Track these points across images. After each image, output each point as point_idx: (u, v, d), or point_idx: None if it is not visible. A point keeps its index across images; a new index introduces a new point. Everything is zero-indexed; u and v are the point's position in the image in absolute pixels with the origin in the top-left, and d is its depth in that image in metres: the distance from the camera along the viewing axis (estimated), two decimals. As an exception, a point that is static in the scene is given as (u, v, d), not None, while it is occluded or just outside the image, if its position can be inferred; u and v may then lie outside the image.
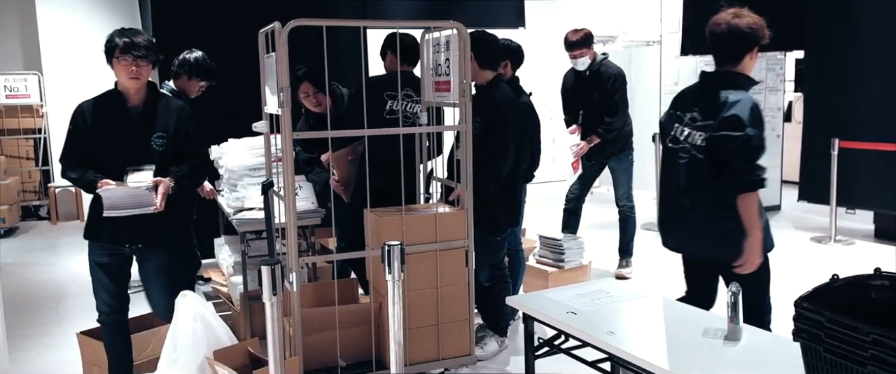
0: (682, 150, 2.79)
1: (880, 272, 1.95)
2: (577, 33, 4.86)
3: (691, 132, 2.75)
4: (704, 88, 2.81)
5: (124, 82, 2.92)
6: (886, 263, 5.22)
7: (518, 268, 4.22)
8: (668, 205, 2.92)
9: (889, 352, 1.58)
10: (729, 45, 2.76)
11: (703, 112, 2.72)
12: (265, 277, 2.29)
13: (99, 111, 2.94)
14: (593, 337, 2.36)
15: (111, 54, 2.88)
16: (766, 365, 2.11)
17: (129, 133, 2.92)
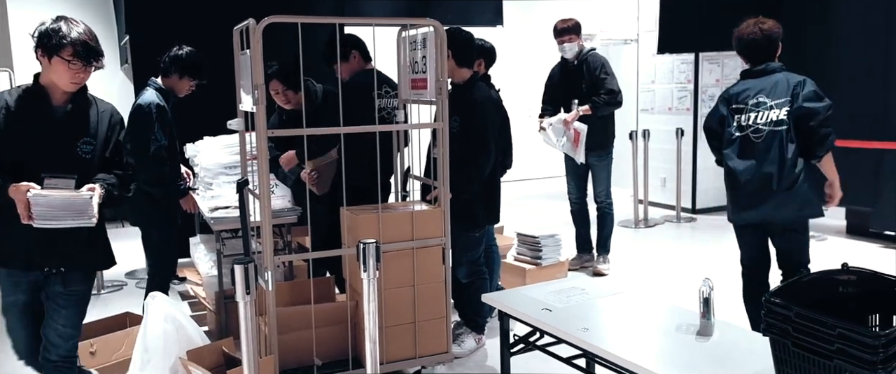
0: (754, 131, 3.22)
1: (847, 268, 1.98)
2: (566, 22, 4.92)
3: (763, 114, 3.20)
4: (755, 78, 3.29)
5: (62, 84, 2.51)
6: (857, 258, 5.31)
7: (493, 264, 4.23)
8: (747, 182, 3.23)
9: (854, 345, 1.61)
10: (767, 46, 3.28)
11: (771, 95, 3.19)
12: (238, 276, 2.28)
13: (20, 107, 2.51)
14: (567, 334, 2.38)
15: (55, 50, 2.45)
16: (738, 359, 2.13)
17: (51, 135, 2.51)
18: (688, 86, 7.17)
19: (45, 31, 2.48)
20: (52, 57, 2.46)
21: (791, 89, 3.16)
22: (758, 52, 3.29)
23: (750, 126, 3.23)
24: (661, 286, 4.80)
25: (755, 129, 3.21)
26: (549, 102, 5.09)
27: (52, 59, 2.47)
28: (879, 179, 5.65)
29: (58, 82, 2.52)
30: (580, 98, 4.87)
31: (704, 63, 7.10)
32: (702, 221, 6.94)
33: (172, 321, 2.83)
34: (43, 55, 2.49)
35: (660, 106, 7.51)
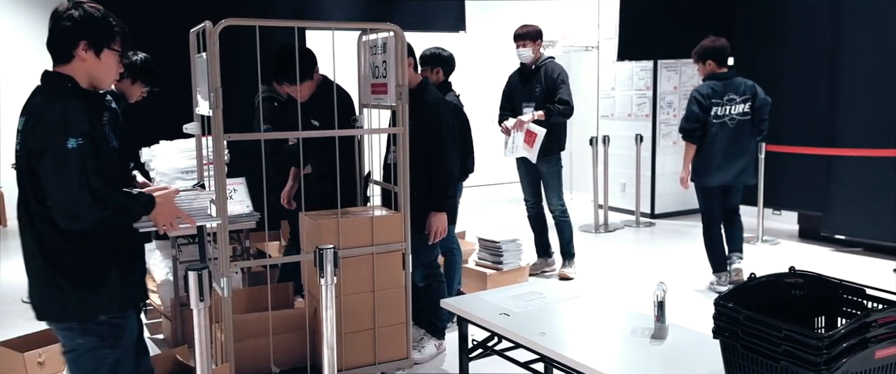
0: (729, 119, 4.62)
1: (794, 271, 2.03)
2: (525, 28, 4.95)
3: (735, 107, 4.61)
4: (724, 80, 4.65)
5: (107, 82, 2.24)
6: (809, 261, 5.45)
7: (454, 268, 4.24)
8: (718, 155, 4.60)
9: (799, 347, 1.65)
10: (725, 55, 4.70)
11: (737, 93, 4.62)
12: (192, 282, 2.24)
13: (95, 114, 2.20)
14: (524, 338, 2.39)
15: (108, 42, 2.15)
16: (690, 362, 2.17)
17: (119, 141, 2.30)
18: (647, 92, 7.29)
19: (96, 20, 2.12)
20: (102, 50, 2.14)
21: (750, 89, 4.63)
22: (723, 57, 4.67)
23: (726, 115, 4.61)
24: (621, 290, 4.86)
25: (730, 118, 4.62)
26: (506, 108, 5.12)
27: (101, 53, 2.14)
28: (829, 185, 5.82)
29: (103, 79, 2.20)
30: (535, 103, 4.92)
31: (663, 70, 7.23)
32: (661, 225, 7.05)
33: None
34: (88, 49, 2.11)
35: (619, 112, 7.62)
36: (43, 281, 2.10)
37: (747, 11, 6.47)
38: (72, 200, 1.97)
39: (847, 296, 1.96)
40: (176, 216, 2.21)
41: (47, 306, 2.12)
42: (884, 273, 5.15)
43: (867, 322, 1.65)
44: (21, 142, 2.06)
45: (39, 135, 2.00)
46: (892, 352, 1.69)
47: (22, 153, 2.05)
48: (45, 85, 2.12)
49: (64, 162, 1.96)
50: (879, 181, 5.45)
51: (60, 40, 2.10)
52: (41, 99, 2.07)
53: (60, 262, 2.07)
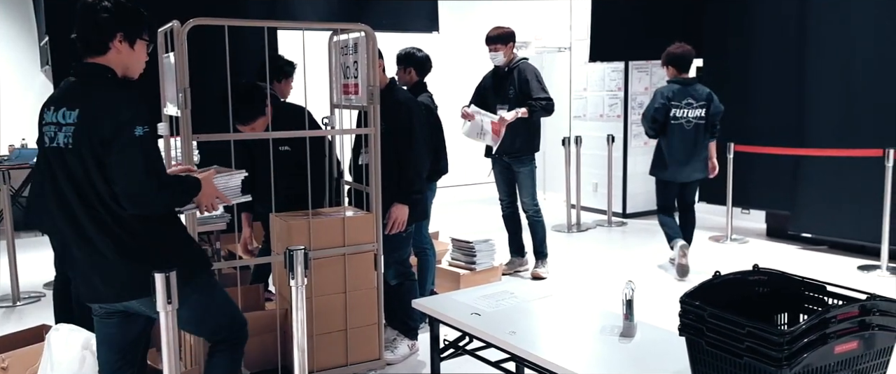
0: (686, 121, 5.03)
1: (758, 269, 2.07)
2: (497, 30, 4.96)
3: (690, 110, 5.02)
4: (686, 85, 5.07)
5: (138, 71, 2.26)
6: (776, 259, 5.55)
7: (427, 268, 4.24)
8: (678, 153, 5.04)
9: (761, 343, 1.68)
10: (690, 61, 5.12)
11: (695, 98, 5.03)
12: (159, 285, 2.21)
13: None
14: (495, 337, 2.40)
15: (140, 33, 2.21)
16: (658, 359, 2.20)
17: None
18: (618, 93, 7.36)
19: (130, 11, 2.17)
20: (135, 41, 2.19)
21: (707, 96, 5.06)
22: (687, 64, 5.12)
23: (684, 118, 5.03)
24: (592, 289, 4.91)
25: (687, 120, 5.03)
26: (476, 103, 5.15)
27: (135, 44, 2.19)
28: (796, 184, 5.92)
29: (136, 69, 2.23)
30: (508, 104, 4.95)
31: (634, 71, 7.31)
32: (632, 225, 7.12)
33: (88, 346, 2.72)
34: (124, 40, 2.15)
35: (592, 113, 7.68)
36: (125, 266, 2.14)
37: (716, 14, 6.57)
38: (141, 186, 2.04)
39: (808, 293, 2.00)
40: (215, 197, 2.33)
41: (135, 284, 2.14)
42: (848, 270, 5.26)
43: (827, 318, 1.69)
44: (80, 132, 2.05)
45: (106, 124, 2.03)
46: (851, 347, 1.73)
47: (81, 143, 2.05)
48: (87, 76, 2.15)
49: (133, 149, 2.03)
50: (844, 181, 5.56)
51: (96, 32, 2.12)
52: (95, 90, 2.10)
53: (141, 246, 2.14)
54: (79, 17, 2.15)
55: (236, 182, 2.48)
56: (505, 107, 4.97)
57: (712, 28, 6.62)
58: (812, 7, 5.71)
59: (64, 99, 2.13)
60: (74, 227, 2.15)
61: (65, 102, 2.12)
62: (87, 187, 2.09)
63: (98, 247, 2.13)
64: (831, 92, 5.64)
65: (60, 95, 2.16)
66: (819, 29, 5.67)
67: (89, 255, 2.16)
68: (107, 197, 2.08)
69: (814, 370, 1.70)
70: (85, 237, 2.14)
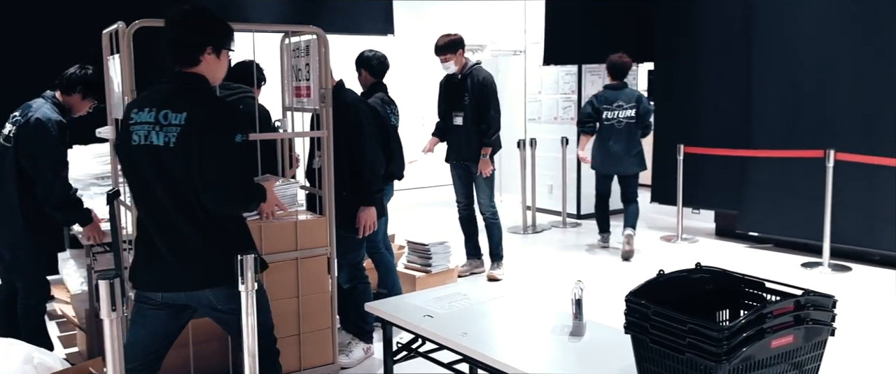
0: (617, 121, 5.72)
1: (700, 267, 2.13)
2: (444, 38, 4.98)
3: (621, 111, 5.71)
4: (617, 90, 5.78)
5: (219, 80, 2.48)
6: (724, 258, 5.70)
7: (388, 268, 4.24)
8: (608, 150, 5.76)
9: (702, 339, 1.73)
10: (626, 70, 5.81)
11: (625, 100, 5.73)
12: (104, 291, 2.15)
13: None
14: (447, 339, 2.41)
15: (228, 43, 2.38)
16: (606, 357, 2.24)
17: None
18: (572, 96, 7.46)
19: (218, 24, 2.35)
20: (221, 52, 2.36)
21: (636, 98, 5.77)
22: (620, 72, 5.78)
23: (615, 118, 5.72)
24: (547, 290, 4.96)
25: (618, 120, 5.72)
26: (443, 117, 5.19)
27: (220, 54, 2.35)
28: (743, 185, 6.09)
29: (219, 78, 2.40)
30: (464, 111, 4.99)
31: (587, 75, 7.42)
32: (586, 225, 7.22)
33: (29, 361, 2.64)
34: (213, 51, 2.32)
35: (546, 115, 7.77)
36: (218, 252, 2.29)
37: (666, 19, 6.72)
38: (230, 187, 2.22)
39: (748, 290, 2.07)
40: (275, 204, 2.53)
41: (216, 274, 2.30)
42: (792, 267, 5.43)
43: (764, 314, 1.74)
44: (187, 133, 2.19)
45: (213, 129, 2.19)
46: (787, 341, 1.79)
47: (187, 143, 2.19)
48: (186, 84, 2.30)
49: (230, 154, 2.21)
50: (788, 181, 5.75)
51: (189, 44, 2.28)
52: (199, 97, 2.26)
53: (226, 235, 2.32)
54: (170, 30, 2.29)
55: (293, 191, 2.69)
56: (460, 114, 5.02)
57: (663, 33, 6.78)
58: (757, 13, 5.89)
59: (165, 102, 2.25)
60: (160, 217, 2.29)
61: (167, 105, 2.24)
62: (183, 182, 2.23)
63: (186, 237, 2.28)
64: (776, 95, 5.83)
65: (159, 98, 2.27)
66: (764, 34, 5.85)
67: (174, 244, 2.30)
68: (196, 194, 2.23)
69: (752, 364, 1.76)
70: (173, 228, 2.28)
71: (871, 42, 5.23)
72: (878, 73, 5.21)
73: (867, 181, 5.29)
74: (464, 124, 5.03)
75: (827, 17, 5.46)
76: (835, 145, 5.29)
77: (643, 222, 7.33)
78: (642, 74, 8.59)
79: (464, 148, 5.05)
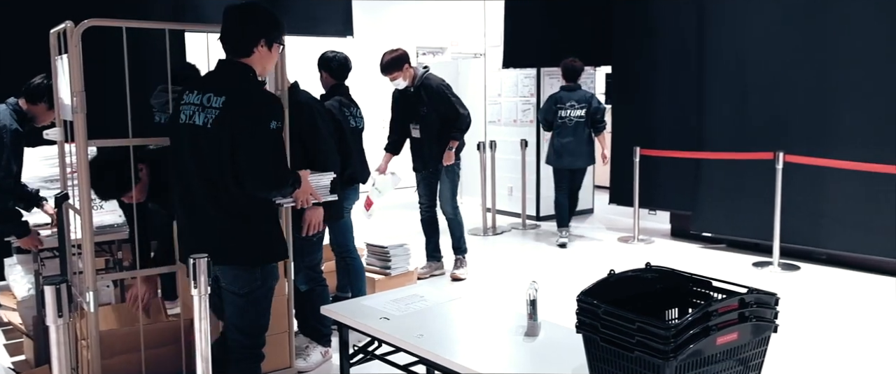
0: (568, 119, 6.20)
1: (650, 266, 2.17)
2: (388, 57, 4.92)
3: (573, 111, 6.18)
4: (570, 91, 6.23)
5: (270, 70, 2.71)
6: (678, 258, 5.82)
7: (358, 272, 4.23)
8: (563, 145, 6.24)
9: (650, 337, 1.77)
10: (578, 73, 6.26)
11: (578, 101, 6.19)
12: (49, 297, 2.11)
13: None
14: (403, 341, 2.42)
15: (280, 37, 2.54)
16: (559, 356, 2.27)
17: None
18: (531, 99, 7.53)
19: (272, 19, 2.49)
20: (273, 45, 2.50)
21: (587, 99, 6.20)
22: (573, 75, 6.25)
23: (567, 117, 6.19)
24: (505, 291, 5.00)
25: (570, 118, 6.18)
26: (395, 130, 5.16)
27: (272, 47, 2.50)
28: (697, 186, 6.22)
29: (268, 70, 2.58)
30: (420, 122, 5.00)
31: (546, 78, 7.50)
32: (546, 227, 7.29)
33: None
34: (265, 45, 2.47)
35: (506, 118, 7.83)
36: (236, 232, 2.46)
37: (622, 24, 6.84)
38: (265, 169, 2.37)
39: (696, 288, 2.12)
40: (309, 193, 2.63)
41: (239, 253, 2.48)
42: (743, 267, 5.57)
43: (709, 312, 1.79)
44: (223, 117, 2.35)
45: (248, 115, 2.35)
46: (732, 338, 1.84)
47: (221, 126, 2.35)
48: (232, 72, 2.46)
49: (265, 139, 2.35)
50: (740, 182, 5.89)
51: (244, 37, 2.45)
52: (241, 85, 2.41)
53: (245, 219, 2.47)
54: (227, 21, 2.46)
55: (326, 182, 2.82)
56: (417, 126, 5.04)
57: (619, 37, 6.89)
58: (710, 18, 6.02)
59: (211, 85, 2.44)
60: (189, 194, 2.50)
61: (212, 89, 2.42)
62: (213, 162, 2.39)
63: (206, 214, 2.46)
64: (727, 98, 5.97)
65: (207, 82, 2.49)
66: (716, 38, 5.99)
67: (196, 219, 2.51)
68: (228, 175, 2.38)
69: (699, 361, 1.80)
70: (197, 204, 2.47)
71: (818, 47, 5.39)
72: (824, 77, 5.37)
73: (815, 183, 5.45)
74: (422, 135, 5.05)
75: (776, 22, 5.61)
76: (784, 148, 5.44)
77: (601, 223, 7.44)
78: (600, 78, 8.72)
79: (427, 157, 5.08)
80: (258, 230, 2.51)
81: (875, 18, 5.08)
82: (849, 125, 5.26)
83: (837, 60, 5.29)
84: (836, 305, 4.67)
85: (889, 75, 5.04)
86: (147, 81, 4.22)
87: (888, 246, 5.11)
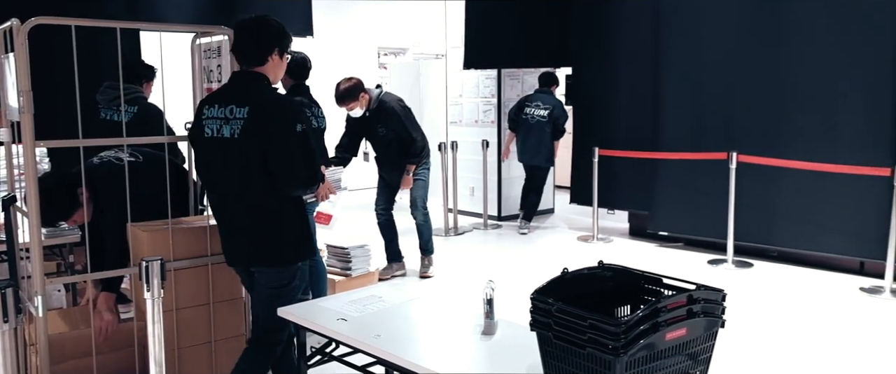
0: (531, 117, 6.81)
1: (602, 264, 2.21)
2: (343, 85, 4.88)
3: (538, 110, 6.80)
4: (542, 94, 6.93)
5: (280, 78, 2.81)
6: (636, 256, 5.92)
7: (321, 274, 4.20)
8: (523, 141, 6.92)
9: (601, 334, 1.80)
10: (547, 80, 7.02)
11: (543, 103, 6.82)
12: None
13: None
14: (360, 341, 2.41)
15: (289, 47, 2.73)
16: (515, 354, 2.29)
17: None
18: (492, 100, 7.58)
19: (282, 30, 2.67)
20: (283, 55, 2.69)
21: (551, 103, 6.83)
22: (544, 81, 6.97)
23: (530, 115, 6.82)
24: (466, 290, 5.02)
25: (532, 117, 6.81)
26: (346, 150, 5.09)
27: (282, 56, 2.69)
28: (654, 186, 6.34)
29: (279, 77, 2.73)
30: (378, 143, 5.05)
31: (507, 79, 7.56)
32: (507, 227, 7.35)
33: None
34: (277, 54, 2.66)
35: (467, 119, 7.87)
36: (267, 236, 2.67)
37: (580, 26, 6.93)
38: (296, 170, 2.56)
39: (647, 285, 2.16)
40: (328, 188, 2.92)
41: (271, 254, 2.70)
42: (699, 265, 5.69)
43: (658, 308, 1.83)
44: (250, 126, 2.51)
45: (274, 121, 2.52)
46: (680, 334, 1.88)
47: (249, 135, 2.52)
48: (249, 82, 2.63)
49: (293, 143, 2.53)
50: (696, 182, 6.02)
51: (258, 47, 2.62)
52: (260, 93, 2.59)
53: (277, 222, 2.67)
54: (242, 33, 2.64)
55: (339, 176, 3.01)
56: (377, 146, 5.10)
57: (578, 39, 6.98)
58: (666, 21, 6.14)
59: (231, 98, 2.60)
60: (226, 202, 2.71)
61: (233, 101, 2.58)
62: (243, 171, 2.57)
63: (243, 221, 2.68)
64: (683, 99, 6.09)
65: (226, 95, 2.63)
66: (672, 40, 6.11)
67: (234, 226, 2.72)
68: (258, 181, 2.56)
69: (648, 356, 1.84)
70: (234, 212, 2.69)
71: (770, 51, 5.54)
72: (776, 79, 5.53)
73: (767, 182, 5.60)
74: (381, 154, 5.10)
75: (730, 24, 5.75)
76: (737, 148, 5.58)
77: (563, 223, 7.53)
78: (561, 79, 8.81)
79: (389, 170, 5.13)
80: (289, 232, 2.71)
81: (824, 23, 5.24)
82: (799, 126, 5.42)
83: (789, 63, 5.44)
84: (786, 301, 4.81)
85: (837, 78, 5.20)
86: (101, 80, 4.14)
87: (837, 243, 5.28)
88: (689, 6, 5.95)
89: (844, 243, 5.24)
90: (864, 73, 5.07)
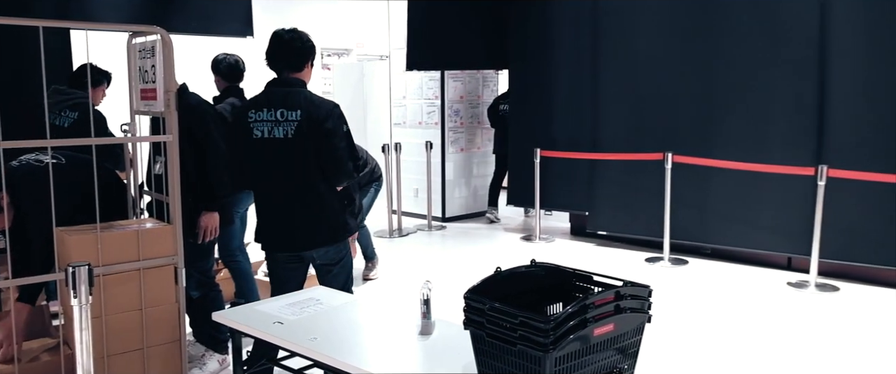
0: (506, 113, 7.24)
1: (535, 263, 2.25)
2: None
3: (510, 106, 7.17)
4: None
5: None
6: (576, 255, 6.03)
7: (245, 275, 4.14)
8: (501, 137, 7.39)
9: (531, 331, 1.83)
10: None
11: (508, 103, 7.23)
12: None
13: None
14: (296, 345, 2.40)
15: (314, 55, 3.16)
16: (451, 353, 2.31)
17: None
18: (435, 101, 7.61)
19: (311, 42, 3.09)
20: (313, 63, 3.15)
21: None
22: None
23: (505, 111, 7.25)
24: (407, 292, 5.03)
25: (505, 112, 7.24)
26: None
27: (312, 66, 3.15)
28: (592, 187, 6.46)
29: (309, 81, 3.13)
30: None
31: (449, 80, 7.59)
32: (451, 228, 7.39)
33: None
34: (311, 62, 3.13)
35: (411, 120, 7.87)
36: (323, 221, 3.08)
37: (518, 27, 6.99)
38: (346, 165, 3.01)
39: (578, 283, 2.21)
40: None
41: (328, 234, 3.12)
42: (636, 263, 5.84)
43: (586, 305, 1.87)
44: (303, 126, 2.93)
45: (327, 122, 2.95)
46: (608, 329, 1.94)
47: (304, 134, 2.93)
48: (293, 88, 3.01)
49: (342, 140, 2.98)
50: (633, 182, 6.17)
51: (298, 56, 3.05)
52: (307, 97, 3.00)
53: (328, 208, 3.07)
54: (281, 46, 3.04)
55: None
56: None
57: (515, 39, 7.05)
58: (604, 21, 6.27)
59: (279, 102, 2.97)
60: (279, 196, 3.04)
61: (282, 105, 2.96)
62: (298, 167, 2.97)
63: (299, 211, 3.02)
64: (620, 100, 6.24)
65: (274, 100, 2.99)
66: (610, 41, 6.25)
67: (291, 216, 3.04)
68: (312, 174, 2.98)
69: (578, 352, 1.89)
70: (289, 204, 3.03)
71: (702, 55, 5.73)
72: (708, 81, 5.71)
73: (701, 182, 5.78)
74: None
75: (664, 27, 5.91)
76: (673, 148, 5.74)
77: (506, 223, 7.61)
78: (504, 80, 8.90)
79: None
80: (336, 215, 3.11)
81: (753, 27, 5.44)
82: (730, 127, 5.61)
83: (719, 66, 5.63)
84: (718, 296, 4.98)
85: (765, 80, 5.41)
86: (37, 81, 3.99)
87: (767, 240, 5.49)
88: (625, 8, 6.10)
89: (773, 240, 5.45)
90: (791, 76, 5.28)
